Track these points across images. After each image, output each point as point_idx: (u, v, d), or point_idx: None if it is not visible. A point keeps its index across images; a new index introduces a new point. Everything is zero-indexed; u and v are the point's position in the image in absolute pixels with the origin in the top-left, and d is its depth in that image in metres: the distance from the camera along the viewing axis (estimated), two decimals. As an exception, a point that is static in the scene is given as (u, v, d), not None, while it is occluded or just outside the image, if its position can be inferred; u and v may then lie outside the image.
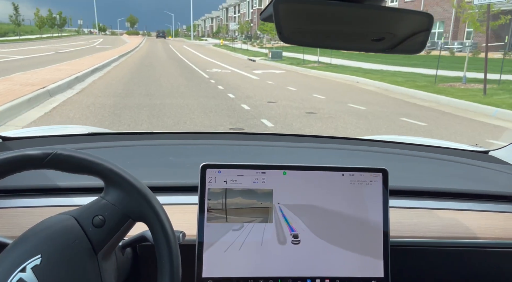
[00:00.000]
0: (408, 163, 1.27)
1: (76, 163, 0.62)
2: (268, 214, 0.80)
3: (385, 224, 0.81)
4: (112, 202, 0.64)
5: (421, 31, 0.63)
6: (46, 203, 0.91)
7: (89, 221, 0.63)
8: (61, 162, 0.62)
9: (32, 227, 0.66)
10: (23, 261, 0.59)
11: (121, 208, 0.63)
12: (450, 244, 0.90)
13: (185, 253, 0.71)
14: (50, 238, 0.61)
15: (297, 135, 1.78)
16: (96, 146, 1.25)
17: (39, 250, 0.60)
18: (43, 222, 0.66)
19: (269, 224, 0.80)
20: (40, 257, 0.59)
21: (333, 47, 0.66)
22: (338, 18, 0.60)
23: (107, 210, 0.63)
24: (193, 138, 1.44)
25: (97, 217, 0.63)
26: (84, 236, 0.62)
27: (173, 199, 0.94)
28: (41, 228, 0.64)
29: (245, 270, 0.78)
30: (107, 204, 0.64)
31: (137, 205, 0.63)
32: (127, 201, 0.63)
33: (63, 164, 0.62)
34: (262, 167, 0.81)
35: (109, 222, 0.63)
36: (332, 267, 0.80)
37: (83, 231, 0.62)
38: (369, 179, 0.83)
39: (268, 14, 0.62)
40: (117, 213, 0.63)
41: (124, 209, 0.63)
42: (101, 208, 0.64)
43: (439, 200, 1.03)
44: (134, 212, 0.63)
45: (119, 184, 0.63)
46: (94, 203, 0.65)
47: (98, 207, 0.64)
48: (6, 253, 0.62)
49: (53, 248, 0.60)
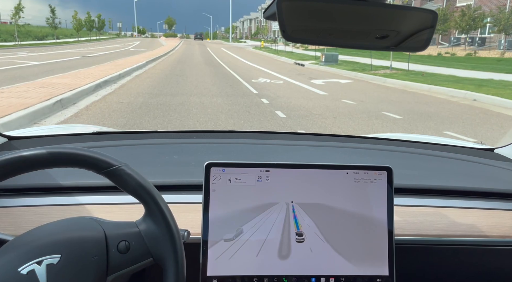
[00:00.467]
0: (413, 161, 1.26)
1: (130, 183, 0.63)
2: (272, 212, 0.80)
3: (390, 222, 0.81)
4: (144, 234, 0.63)
5: (426, 28, 0.62)
6: (52, 202, 0.91)
7: (115, 243, 0.63)
8: (119, 176, 0.62)
9: (63, 220, 0.66)
10: (42, 254, 0.59)
11: (149, 245, 0.63)
12: (456, 242, 0.90)
13: (190, 251, 0.71)
14: (75, 243, 0.61)
15: (301, 134, 1.78)
16: (101, 145, 1.25)
17: (61, 250, 0.60)
18: (74, 221, 0.66)
19: (274, 222, 0.80)
20: (59, 258, 0.59)
21: (336, 45, 0.66)
22: (341, 16, 0.60)
23: (136, 240, 0.63)
24: (197, 137, 1.44)
25: (124, 243, 0.63)
26: (105, 256, 0.62)
27: (177, 197, 0.95)
28: (71, 227, 0.64)
29: (249, 268, 0.78)
30: (138, 234, 0.64)
31: (165, 250, 0.63)
32: (158, 242, 0.63)
33: (119, 179, 0.62)
34: (266, 165, 0.81)
35: (133, 252, 0.63)
36: (337, 265, 0.80)
37: (106, 250, 0.62)
38: (374, 177, 0.82)
39: (272, 12, 0.62)
40: (143, 247, 0.63)
41: (152, 247, 0.63)
42: (131, 235, 0.63)
43: (444, 198, 1.02)
44: (157, 254, 0.63)
45: (159, 221, 0.63)
46: (126, 226, 0.65)
47: (129, 232, 0.64)
48: (29, 235, 0.62)
49: (73, 254, 0.60)
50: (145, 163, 1.13)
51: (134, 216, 0.86)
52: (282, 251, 0.79)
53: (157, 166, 1.14)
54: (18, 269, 0.58)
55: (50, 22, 41.94)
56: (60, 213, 0.88)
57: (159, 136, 1.45)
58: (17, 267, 0.58)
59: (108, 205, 0.92)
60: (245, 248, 0.79)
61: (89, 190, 0.96)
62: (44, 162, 0.61)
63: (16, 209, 0.89)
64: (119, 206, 0.92)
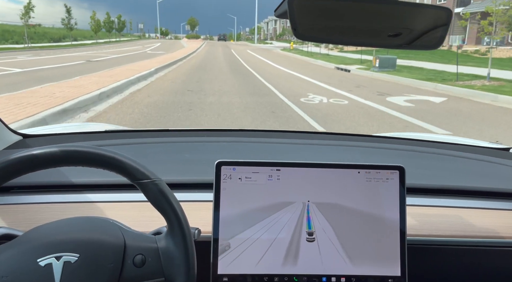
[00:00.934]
0: (426, 160, 1.25)
1: (161, 200, 0.63)
2: (286, 212, 0.80)
3: (402, 222, 0.80)
4: (161, 252, 0.64)
5: (440, 26, 0.61)
6: (65, 199, 0.93)
7: (132, 255, 0.63)
8: (151, 190, 0.63)
9: (86, 217, 0.67)
10: (62, 250, 0.60)
11: (164, 264, 0.63)
12: (470, 243, 0.89)
13: (201, 249, 0.72)
14: (95, 245, 0.62)
15: (312, 133, 1.77)
16: (114, 143, 1.27)
17: (80, 250, 0.61)
18: (97, 222, 0.66)
19: (284, 221, 0.80)
20: (77, 258, 0.60)
21: (348, 43, 0.65)
22: (353, 14, 0.60)
23: (152, 256, 0.63)
24: (208, 136, 1.45)
25: (141, 256, 0.63)
26: (119, 266, 0.62)
27: (188, 195, 0.95)
28: (93, 228, 0.65)
29: (260, 267, 0.78)
30: (156, 251, 0.64)
31: (179, 273, 0.63)
32: (173, 263, 0.63)
33: (151, 192, 0.63)
34: (277, 164, 0.81)
35: (147, 268, 0.63)
36: (348, 265, 0.79)
37: (122, 260, 0.62)
38: (386, 176, 0.82)
39: (283, 11, 0.61)
40: (157, 265, 0.63)
41: (166, 267, 0.63)
42: (149, 250, 0.63)
43: (458, 198, 1.01)
44: (170, 275, 0.63)
45: (179, 243, 0.63)
46: (146, 240, 0.65)
47: (147, 247, 0.64)
48: (49, 228, 0.63)
49: (91, 257, 0.61)
50: (156, 161, 1.14)
51: (146, 214, 0.87)
52: (293, 250, 0.79)
53: (169, 164, 1.15)
54: (37, 260, 0.59)
55: (66, 23, 40.61)
56: (74, 210, 0.89)
57: (171, 134, 1.46)
58: (36, 257, 0.59)
59: (120, 202, 0.93)
60: (256, 246, 0.79)
61: (101, 188, 0.98)
62: (80, 163, 0.62)
63: (30, 206, 0.90)
64: (131, 204, 0.93)
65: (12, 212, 0.88)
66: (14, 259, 0.59)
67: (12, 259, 0.59)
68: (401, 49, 0.64)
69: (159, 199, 0.63)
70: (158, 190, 0.63)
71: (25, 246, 0.61)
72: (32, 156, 0.60)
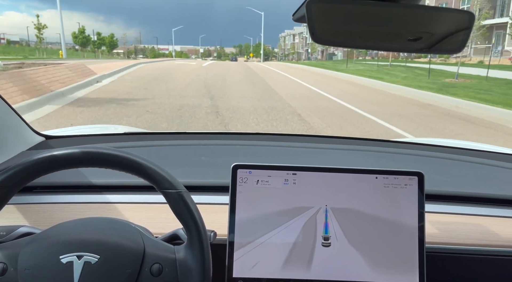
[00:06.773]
0: (445, 167, 1.22)
1: (184, 211, 0.64)
2: (298, 216, 0.79)
3: (421, 230, 0.79)
4: (178, 263, 0.64)
5: (461, 29, 0.60)
6: (84, 200, 0.95)
7: (150, 263, 0.63)
8: (176, 200, 0.64)
9: (109, 219, 0.67)
10: (84, 250, 0.61)
11: (180, 276, 0.63)
12: (490, 252, 0.86)
13: (216, 252, 0.72)
14: (115, 249, 0.63)
15: (328, 137, 1.76)
16: (132, 145, 1.29)
17: (101, 252, 0.62)
18: (120, 225, 0.67)
19: (300, 225, 0.79)
20: (98, 259, 0.61)
21: (367, 48, 0.65)
22: (372, 18, 0.59)
23: (170, 266, 0.63)
24: (225, 139, 1.46)
25: (158, 265, 0.63)
26: (137, 273, 0.62)
27: (204, 198, 0.96)
28: (115, 231, 0.66)
29: (275, 271, 0.78)
30: (173, 261, 0.64)
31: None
32: (190, 276, 0.63)
33: (175, 202, 0.64)
34: (293, 168, 0.81)
35: (163, 278, 0.63)
36: (364, 271, 0.78)
37: (140, 267, 0.63)
38: (404, 182, 0.80)
39: (301, 15, 0.61)
40: (173, 275, 0.63)
41: (182, 279, 0.63)
42: (167, 260, 0.64)
43: (479, 206, 0.98)
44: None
45: (197, 256, 0.63)
46: (165, 249, 0.65)
47: (166, 257, 0.64)
48: (72, 227, 0.64)
49: (111, 260, 0.62)
50: (173, 164, 1.15)
51: (162, 215, 0.87)
52: (309, 255, 0.78)
53: (185, 167, 1.16)
54: (60, 256, 0.60)
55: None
56: (93, 211, 0.91)
57: (188, 137, 1.48)
58: (59, 254, 0.60)
59: (137, 204, 0.94)
60: (272, 250, 0.78)
61: (119, 189, 0.99)
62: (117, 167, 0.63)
63: (52, 206, 0.93)
64: (148, 205, 0.94)
65: (35, 211, 0.90)
66: (37, 253, 0.61)
67: (36, 253, 0.61)
68: (422, 53, 0.63)
69: (183, 210, 0.64)
70: (182, 201, 0.64)
71: (49, 242, 0.62)
72: (54, 157, 0.61)
